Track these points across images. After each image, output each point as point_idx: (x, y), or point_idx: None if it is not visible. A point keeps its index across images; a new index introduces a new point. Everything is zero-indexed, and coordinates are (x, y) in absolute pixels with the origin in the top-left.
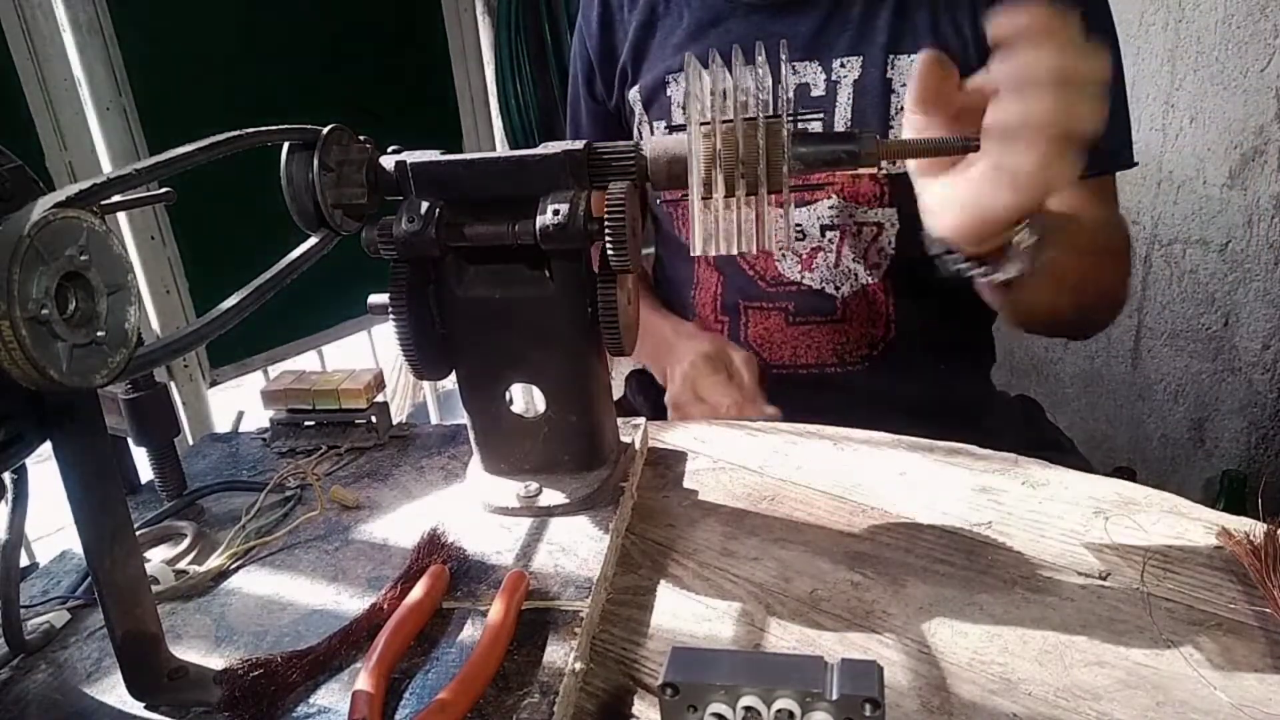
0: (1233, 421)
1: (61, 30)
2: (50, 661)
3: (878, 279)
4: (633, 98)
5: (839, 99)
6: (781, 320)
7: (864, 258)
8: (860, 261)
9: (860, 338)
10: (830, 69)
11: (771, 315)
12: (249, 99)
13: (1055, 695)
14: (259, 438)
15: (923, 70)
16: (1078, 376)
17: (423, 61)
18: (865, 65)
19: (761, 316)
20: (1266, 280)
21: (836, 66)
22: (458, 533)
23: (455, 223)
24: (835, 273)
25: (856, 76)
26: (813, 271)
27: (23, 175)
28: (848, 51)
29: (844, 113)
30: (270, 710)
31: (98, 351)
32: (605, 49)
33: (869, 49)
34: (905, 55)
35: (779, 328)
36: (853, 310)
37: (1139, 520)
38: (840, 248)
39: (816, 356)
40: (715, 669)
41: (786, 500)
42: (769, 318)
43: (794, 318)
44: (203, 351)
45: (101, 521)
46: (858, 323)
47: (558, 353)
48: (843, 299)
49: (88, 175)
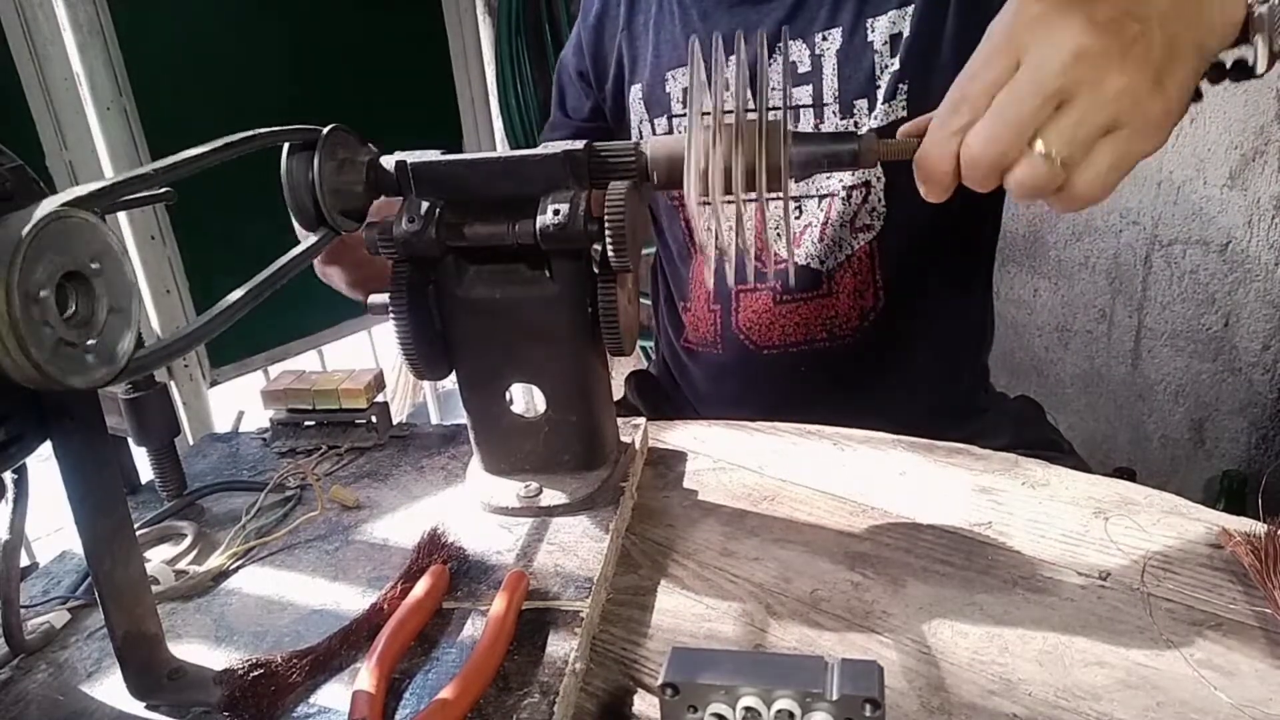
0: (1233, 422)
1: (62, 30)
2: (50, 661)
3: (865, 243)
4: (634, 97)
5: (824, 71)
6: (770, 300)
7: (851, 222)
8: (847, 227)
9: (850, 310)
10: (813, 44)
11: (760, 297)
12: (249, 99)
13: (1055, 695)
14: (259, 438)
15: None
16: (1078, 377)
17: (423, 61)
18: (844, 34)
19: (751, 299)
20: (1266, 280)
21: (818, 40)
22: (458, 533)
23: (455, 223)
24: (820, 246)
25: (839, 46)
26: (799, 248)
27: (23, 175)
28: (826, 24)
29: (830, 83)
30: (270, 710)
31: (99, 350)
32: (597, 43)
33: (845, 17)
34: (882, 16)
35: (767, 308)
36: (839, 283)
37: (1139, 520)
38: (828, 216)
39: (806, 333)
40: (715, 669)
41: (786, 500)
42: (758, 299)
43: (782, 296)
44: (203, 351)
45: (101, 521)
46: (846, 295)
47: (558, 353)
48: (828, 272)
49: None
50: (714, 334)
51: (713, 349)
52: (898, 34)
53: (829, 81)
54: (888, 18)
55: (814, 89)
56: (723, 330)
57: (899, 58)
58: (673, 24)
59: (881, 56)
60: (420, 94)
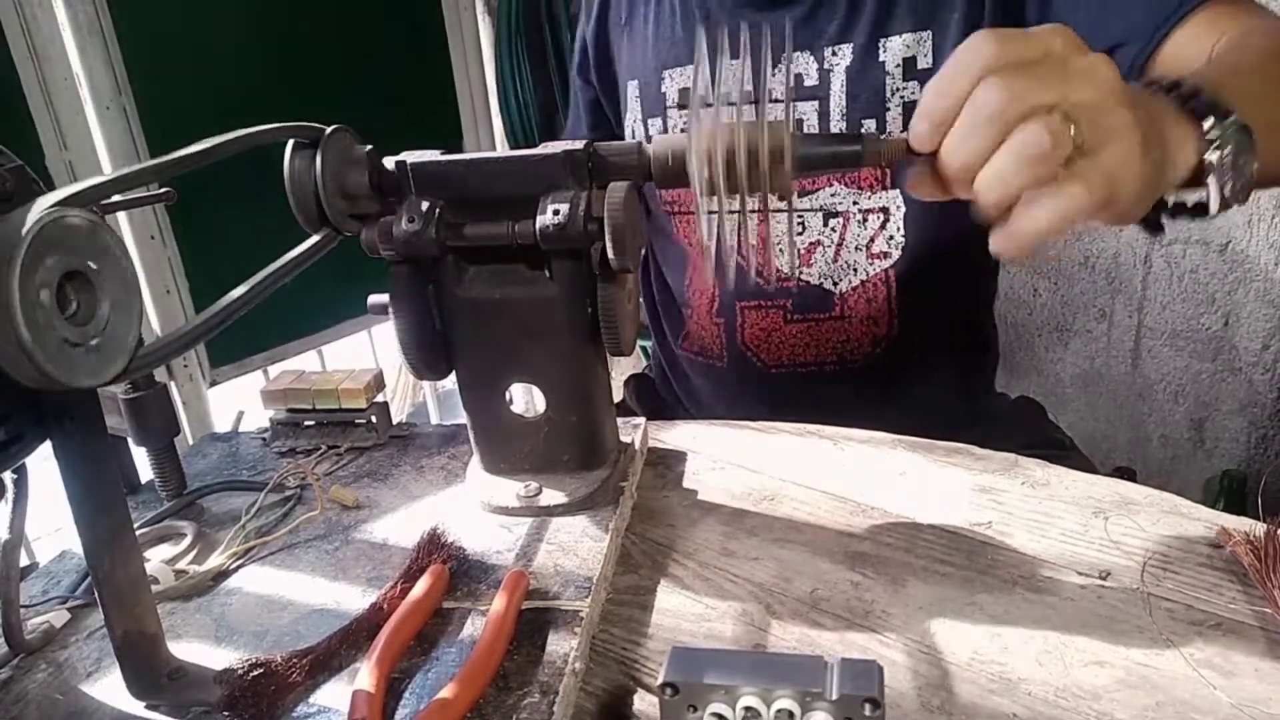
0: (1232, 421)
1: (61, 30)
2: (50, 661)
3: (881, 270)
4: (630, 94)
5: (833, 87)
6: (779, 318)
7: (867, 247)
8: (863, 251)
9: (862, 335)
10: (822, 58)
11: (769, 314)
12: (249, 99)
13: (1055, 695)
14: (259, 437)
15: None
16: (1078, 377)
17: (423, 61)
18: (855, 51)
19: (759, 316)
20: (1266, 280)
21: (828, 55)
22: (458, 532)
23: (455, 223)
24: (834, 267)
25: (849, 63)
26: (810, 267)
27: (23, 175)
28: (837, 39)
29: (839, 100)
30: (270, 710)
31: (99, 349)
32: (600, 41)
33: (858, 35)
34: (895, 37)
35: (777, 326)
36: (852, 306)
37: (1139, 520)
38: (842, 238)
39: (816, 355)
40: (715, 669)
41: (786, 500)
42: (766, 316)
43: (792, 315)
44: (203, 351)
45: (101, 521)
46: (858, 320)
47: (558, 353)
48: (841, 295)
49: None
50: (718, 346)
51: (716, 360)
52: (911, 58)
53: (836, 98)
54: (901, 40)
55: (820, 105)
56: (727, 343)
57: (916, 83)
58: (673, 22)
59: (893, 79)
60: (420, 94)
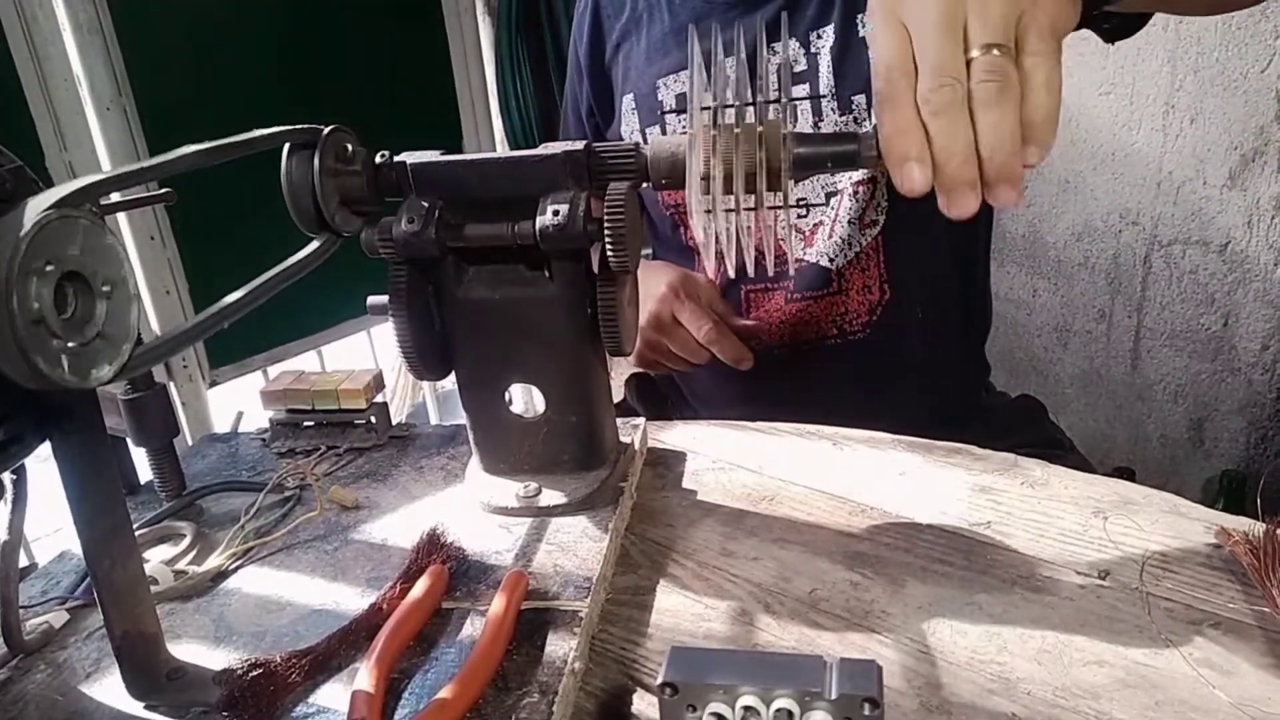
0: (1232, 421)
1: (61, 30)
2: (49, 662)
3: (871, 239)
4: (626, 107)
5: (820, 69)
6: (781, 299)
7: (860, 219)
8: (855, 225)
9: (859, 305)
10: (808, 43)
11: (773, 296)
12: (248, 99)
13: (1054, 694)
14: (258, 438)
15: None
16: (1078, 377)
17: (423, 61)
18: (836, 32)
19: (763, 299)
20: (1266, 281)
21: (813, 39)
22: (457, 533)
23: (455, 223)
24: (830, 244)
25: (832, 43)
26: (812, 246)
27: (23, 175)
28: (817, 23)
29: (827, 80)
30: (270, 710)
31: (97, 350)
32: (594, 48)
33: (836, 15)
34: None
35: (779, 307)
36: (848, 279)
37: (1138, 520)
38: (838, 213)
39: (817, 330)
40: (714, 669)
41: (786, 500)
42: (770, 299)
43: (792, 295)
44: (202, 351)
45: (101, 521)
46: (855, 291)
47: (558, 353)
48: (838, 269)
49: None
50: None
51: None
52: None
53: (825, 79)
54: None
55: (810, 87)
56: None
57: None
58: (663, 30)
59: None
60: (420, 94)
